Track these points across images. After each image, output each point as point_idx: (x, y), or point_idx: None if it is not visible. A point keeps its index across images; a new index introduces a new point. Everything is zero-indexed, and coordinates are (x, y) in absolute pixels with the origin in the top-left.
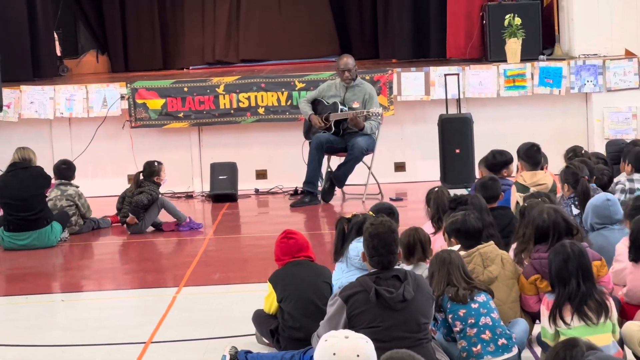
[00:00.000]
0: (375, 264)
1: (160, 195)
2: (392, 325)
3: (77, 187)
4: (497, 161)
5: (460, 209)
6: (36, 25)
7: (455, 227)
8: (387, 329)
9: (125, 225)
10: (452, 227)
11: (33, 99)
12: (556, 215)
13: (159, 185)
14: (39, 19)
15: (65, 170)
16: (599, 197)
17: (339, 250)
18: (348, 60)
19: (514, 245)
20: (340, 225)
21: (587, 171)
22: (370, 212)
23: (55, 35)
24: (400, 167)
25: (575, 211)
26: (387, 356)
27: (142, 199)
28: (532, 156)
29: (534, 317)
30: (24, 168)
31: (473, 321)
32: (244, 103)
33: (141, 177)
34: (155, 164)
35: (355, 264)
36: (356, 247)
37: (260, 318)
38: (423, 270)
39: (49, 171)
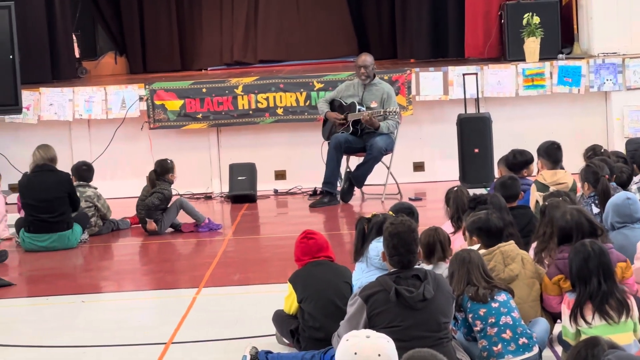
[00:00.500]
0: (395, 264)
1: (179, 196)
2: (413, 325)
3: (96, 188)
4: (518, 161)
5: (480, 208)
6: (55, 27)
7: (477, 226)
8: (407, 328)
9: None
10: (474, 226)
11: (52, 101)
12: (579, 216)
13: (171, 183)
14: (57, 21)
15: (85, 171)
16: (619, 196)
17: (359, 250)
18: (366, 58)
19: (534, 245)
20: (360, 225)
21: (607, 170)
22: (390, 212)
23: (74, 37)
24: (419, 167)
25: (596, 210)
26: (409, 355)
27: (153, 201)
28: (553, 154)
29: (554, 317)
30: (50, 170)
31: (493, 320)
32: (262, 104)
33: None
34: (168, 161)
35: (375, 264)
36: (376, 247)
37: (280, 318)
38: (443, 270)
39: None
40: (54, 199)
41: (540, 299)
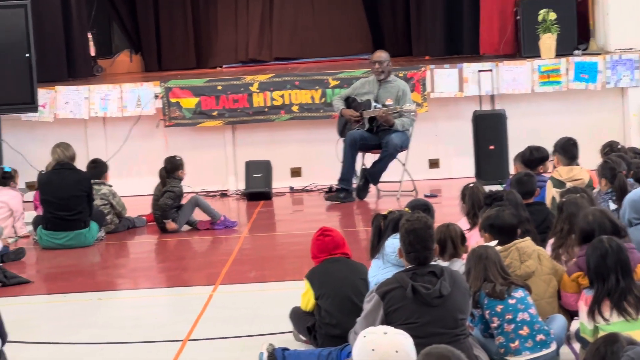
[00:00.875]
0: (411, 260)
1: (195, 194)
2: (429, 321)
3: (111, 186)
4: (534, 157)
5: (496, 204)
6: (71, 25)
7: (489, 222)
8: (424, 325)
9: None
10: (486, 222)
11: (68, 99)
12: (602, 217)
13: (181, 179)
14: (73, 20)
15: (92, 169)
16: (636, 192)
17: (375, 247)
18: (381, 54)
19: (551, 241)
20: (376, 222)
21: (624, 166)
22: (406, 209)
23: (90, 36)
24: (434, 163)
25: (613, 206)
26: (427, 351)
27: (166, 202)
28: (569, 150)
29: (571, 313)
30: (70, 169)
31: (510, 317)
32: (277, 101)
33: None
34: (177, 158)
35: (391, 261)
36: (392, 243)
37: (297, 315)
38: (458, 266)
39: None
40: (72, 197)
41: (557, 295)
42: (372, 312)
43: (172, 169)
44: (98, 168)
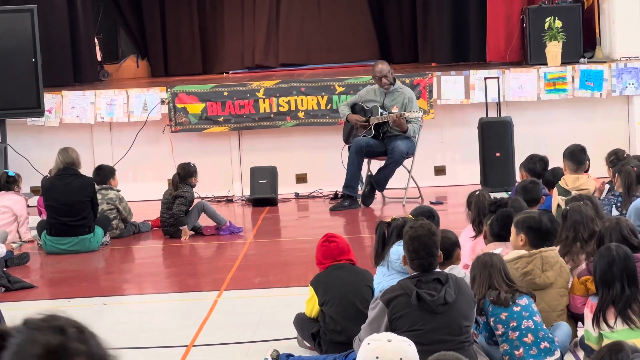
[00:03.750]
0: (416, 267)
1: (200, 199)
2: (434, 328)
3: (119, 190)
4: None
5: (501, 211)
6: (77, 30)
7: (528, 224)
8: (428, 332)
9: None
10: (525, 224)
11: (74, 104)
12: (626, 226)
13: (193, 186)
14: (79, 25)
15: (97, 175)
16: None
17: (380, 254)
18: (382, 67)
19: (556, 249)
20: (380, 229)
21: (637, 162)
22: (410, 215)
23: (96, 41)
24: (440, 170)
25: (615, 213)
26: (435, 358)
27: (180, 209)
28: (576, 156)
29: (576, 320)
30: (73, 174)
31: (515, 324)
32: (284, 107)
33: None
34: (191, 165)
35: (396, 268)
36: (397, 250)
37: (301, 321)
38: (457, 272)
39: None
40: (75, 202)
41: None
42: (377, 319)
43: (185, 175)
44: (102, 174)
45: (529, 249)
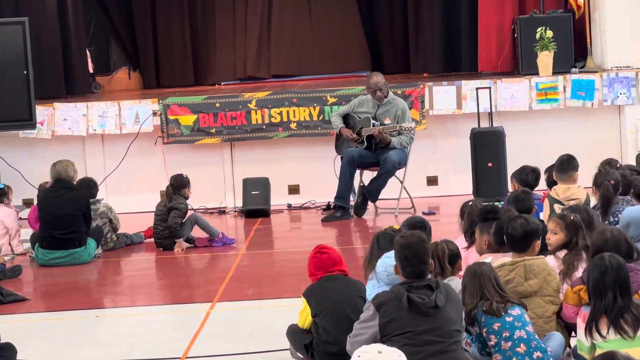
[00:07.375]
0: (408, 275)
1: (193, 211)
2: (425, 330)
3: (106, 203)
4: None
5: (491, 219)
6: (69, 42)
7: (498, 228)
8: (420, 333)
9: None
10: (500, 232)
11: (66, 116)
12: (620, 236)
13: (187, 197)
14: (71, 37)
15: (91, 188)
16: (636, 209)
17: (367, 264)
18: (378, 79)
19: (543, 257)
20: (374, 239)
21: (616, 176)
22: (396, 226)
23: (88, 53)
24: (432, 181)
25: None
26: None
27: (175, 221)
28: (563, 166)
29: (569, 330)
30: (67, 187)
31: (508, 334)
32: (275, 118)
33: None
34: (184, 176)
35: (383, 279)
36: (383, 262)
37: (294, 333)
38: (456, 285)
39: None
40: (65, 215)
41: (557, 315)
42: (368, 320)
43: (178, 186)
44: (94, 187)
45: (493, 252)
